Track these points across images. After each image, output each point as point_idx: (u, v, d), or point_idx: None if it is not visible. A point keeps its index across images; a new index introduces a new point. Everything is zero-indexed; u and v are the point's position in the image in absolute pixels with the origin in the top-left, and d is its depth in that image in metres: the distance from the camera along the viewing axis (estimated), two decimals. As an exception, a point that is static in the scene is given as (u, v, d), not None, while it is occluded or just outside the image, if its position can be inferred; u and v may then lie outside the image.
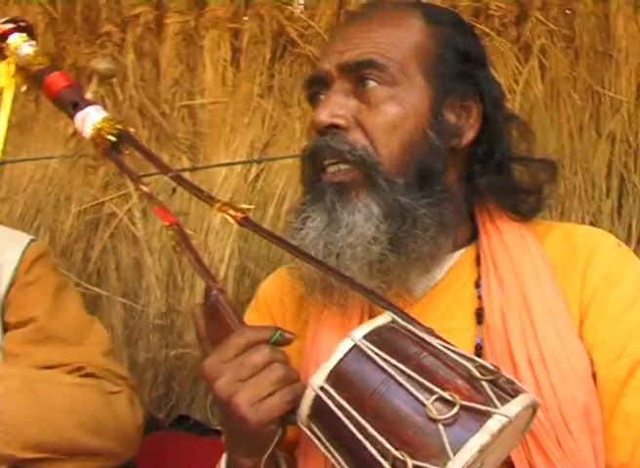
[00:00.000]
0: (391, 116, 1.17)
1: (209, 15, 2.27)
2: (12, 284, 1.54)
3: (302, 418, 0.95)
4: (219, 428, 2.02)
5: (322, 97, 1.22)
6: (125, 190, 2.21)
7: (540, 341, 1.12)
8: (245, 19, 2.26)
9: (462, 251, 1.22)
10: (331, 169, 1.17)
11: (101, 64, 1.25)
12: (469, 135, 1.22)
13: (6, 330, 1.53)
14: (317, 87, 1.24)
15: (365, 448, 0.88)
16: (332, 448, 0.93)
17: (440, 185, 1.18)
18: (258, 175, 2.19)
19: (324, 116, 1.17)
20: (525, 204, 1.24)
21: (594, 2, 2.18)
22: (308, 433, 0.95)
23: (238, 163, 2.17)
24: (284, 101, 2.22)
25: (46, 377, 1.46)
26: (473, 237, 1.24)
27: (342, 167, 1.16)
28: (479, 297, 1.18)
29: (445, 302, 1.19)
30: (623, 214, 2.09)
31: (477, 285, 1.19)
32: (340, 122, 1.17)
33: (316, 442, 0.95)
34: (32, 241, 1.61)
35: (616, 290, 1.16)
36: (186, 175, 2.15)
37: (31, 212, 2.21)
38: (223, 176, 2.16)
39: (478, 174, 1.25)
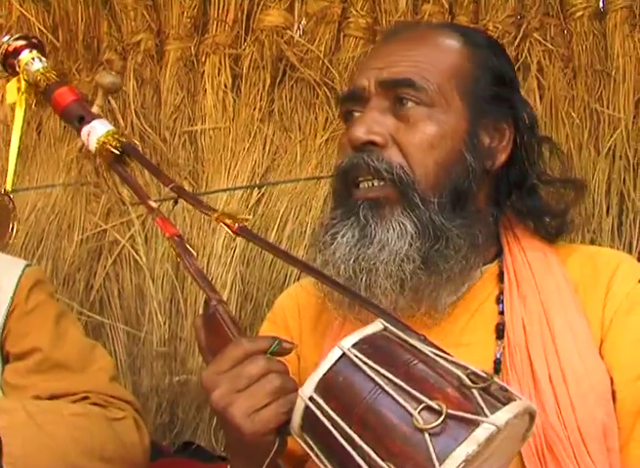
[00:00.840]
0: (428, 135, 1.17)
1: (209, 41, 2.28)
2: (10, 312, 1.52)
3: (295, 429, 0.93)
4: (224, 454, 2.02)
5: (356, 113, 1.23)
6: (127, 217, 2.21)
7: (561, 358, 1.12)
8: (245, 44, 2.27)
9: (486, 267, 1.23)
10: (364, 184, 1.18)
11: (106, 78, 1.25)
12: (502, 157, 1.24)
13: (6, 359, 1.52)
14: (351, 103, 1.24)
15: (353, 459, 0.86)
16: (324, 459, 0.91)
17: (473, 206, 1.19)
18: (259, 200, 2.19)
19: (361, 132, 1.18)
20: (551, 227, 1.26)
21: (591, 21, 2.19)
22: (302, 444, 0.94)
23: (239, 188, 2.18)
24: (284, 126, 2.23)
25: (49, 409, 1.45)
26: (498, 254, 1.25)
27: (376, 183, 1.17)
28: (500, 313, 1.19)
29: (466, 317, 1.20)
30: (624, 231, 2.09)
31: (498, 300, 1.20)
32: (377, 139, 1.17)
33: (310, 452, 0.93)
34: (27, 266, 1.60)
35: (636, 311, 1.16)
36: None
37: (34, 241, 2.22)
38: (225, 202, 2.16)
39: (507, 195, 1.27)
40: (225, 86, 2.24)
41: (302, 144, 2.19)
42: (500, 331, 1.17)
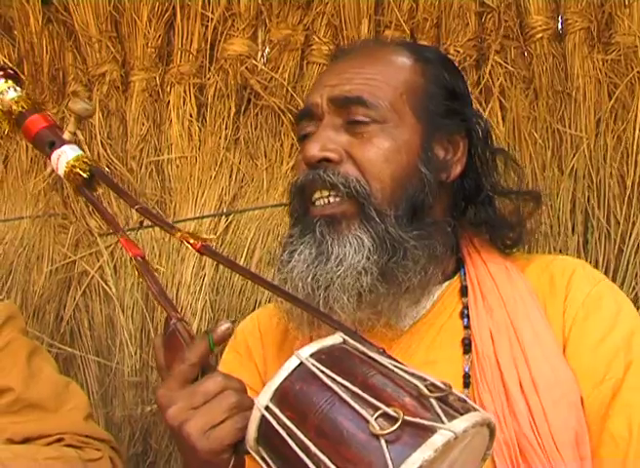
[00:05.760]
0: (383, 150, 1.19)
1: (173, 71, 2.29)
2: None
3: (251, 443, 0.92)
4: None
5: (309, 130, 1.24)
6: (96, 248, 2.21)
7: (531, 368, 1.13)
8: (209, 73, 2.29)
9: (447, 283, 1.25)
10: (320, 202, 1.19)
11: (78, 104, 1.25)
12: (457, 169, 1.26)
13: (-24, 399, 1.47)
14: (306, 121, 1.26)
15: None
16: None
17: (430, 218, 1.21)
18: (227, 228, 2.19)
19: (315, 150, 1.19)
20: (508, 237, 1.28)
21: (550, 43, 2.22)
22: (258, 458, 0.92)
23: (207, 216, 2.19)
24: (250, 154, 2.24)
25: (23, 454, 1.41)
26: (457, 268, 1.27)
27: (332, 200, 1.18)
28: (465, 327, 1.20)
29: (431, 334, 1.21)
30: (589, 249, 2.10)
31: (463, 315, 1.21)
32: (332, 156, 1.19)
33: (265, 467, 0.92)
34: None
35: (593, 316, 1.19)
36: (156, 230, 2.16)
37: (2, 273, 2.21)
38: (193, 230, 2.16)
39: (464, 207, 1.29)
40: (191, 115, 2.25)
41: (269, 172, 2.21)
42: (466, 346, 1.18)
